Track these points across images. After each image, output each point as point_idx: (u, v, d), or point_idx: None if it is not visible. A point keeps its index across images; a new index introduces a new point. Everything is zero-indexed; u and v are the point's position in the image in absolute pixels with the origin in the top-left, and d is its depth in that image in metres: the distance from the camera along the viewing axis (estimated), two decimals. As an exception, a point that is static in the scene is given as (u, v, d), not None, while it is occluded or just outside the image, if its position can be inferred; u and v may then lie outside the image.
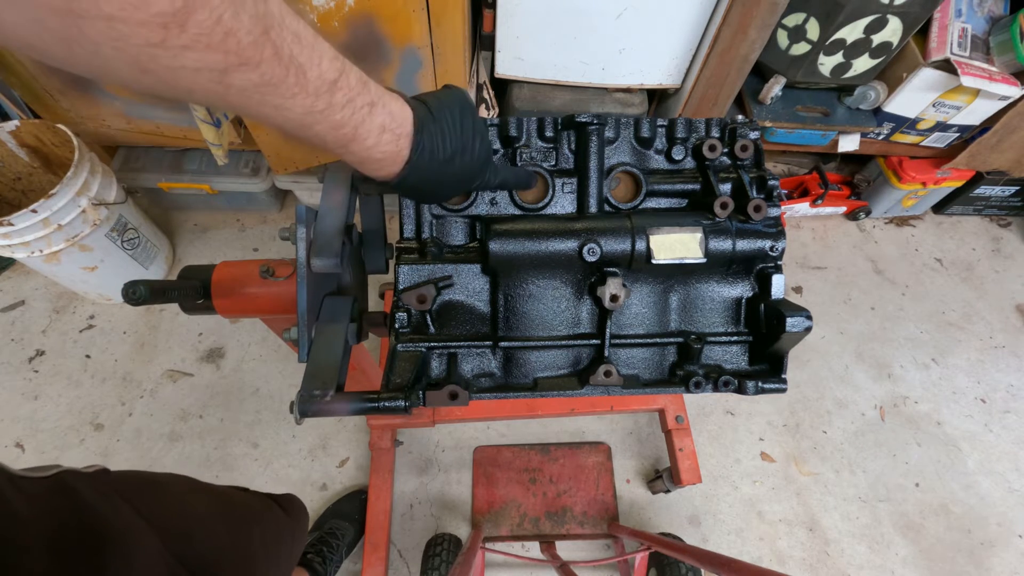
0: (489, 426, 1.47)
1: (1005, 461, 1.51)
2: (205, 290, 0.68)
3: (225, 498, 0.67)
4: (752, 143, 0.63)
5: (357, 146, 0.41)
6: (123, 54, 0.26)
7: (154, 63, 0.27)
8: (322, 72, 0.35)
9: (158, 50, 0.26)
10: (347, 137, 0.40)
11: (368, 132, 0.40)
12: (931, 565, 1.36)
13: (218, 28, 0.28)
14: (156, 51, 0.26)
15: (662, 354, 0.64)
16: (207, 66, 0.29)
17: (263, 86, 0.32)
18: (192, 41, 0.27)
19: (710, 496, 1.41)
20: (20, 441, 1.39)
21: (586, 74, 1.37)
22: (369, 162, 0.43)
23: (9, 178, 1.40)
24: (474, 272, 0.62)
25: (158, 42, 0.26)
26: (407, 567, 1.29)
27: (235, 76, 0.30)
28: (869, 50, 1.36)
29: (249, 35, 0.29)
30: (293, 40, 0.33)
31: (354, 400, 0.51)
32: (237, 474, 1.37)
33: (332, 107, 0.37)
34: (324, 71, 0.35)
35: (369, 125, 0.40)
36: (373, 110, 0.40)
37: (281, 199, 1.78)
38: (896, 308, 1.76)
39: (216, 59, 0.29)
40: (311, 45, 0.34)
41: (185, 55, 0.27)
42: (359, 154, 0.42)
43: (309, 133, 0.38)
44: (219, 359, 1.52)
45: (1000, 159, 1.56)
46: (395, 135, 0.43)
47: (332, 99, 0.37)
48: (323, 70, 0.35)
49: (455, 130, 0.48)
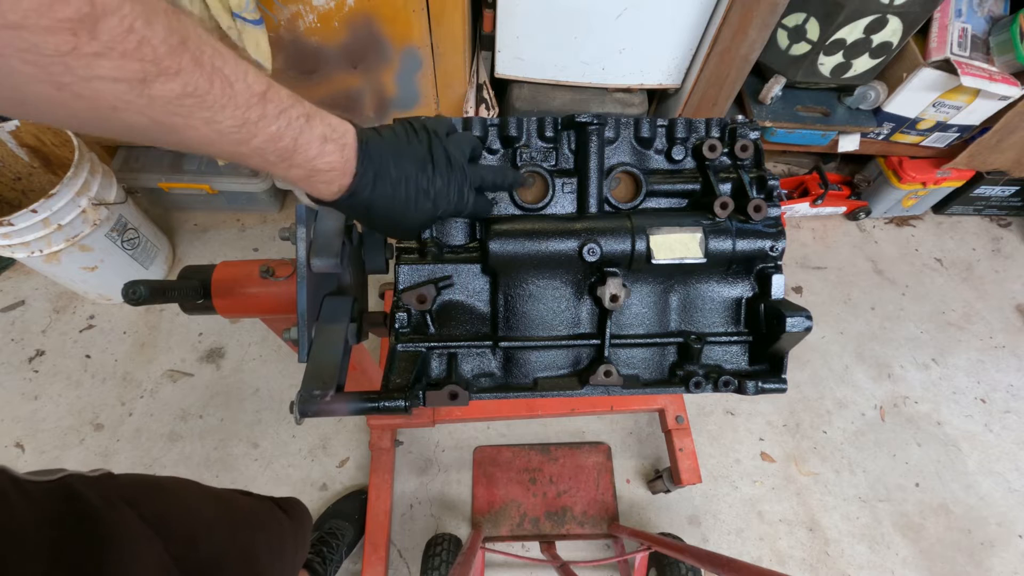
0: (489, 426, 1.47)
1: (1005, 461, 1.51)
2: (205, 290, 0.68)
3: (229, 502, 0.67)
4: (752, 143, 0.63)
5: (300, 157, 0.40)
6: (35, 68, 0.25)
7: (69, 75, 0.27)
8: (249, 84, 0.34)
9: (70, 59, 0.26)
10: (288, 149, 0.38)
11: (308, 142, 0.39)
12: (931, 565, 1.36)
13: (131, 36, 0.27)
14: (69, 60, 0.26)
15: (662, 354, 0.64)
16: (125, 76, 0.28)
17: (186, 97, 0.31)
18: (104, 48, 0.27)
19: (710, 496, 1.41)
20: (20, 441, 1.39)
21: (586, 74, 1.38)
22: (317, 175, 0.42)
23: (9, 178, 1.40)
24: (474, 272, 0.62)
25: (69, 50, 0.26)
26: (407, 567, 1.29)
27: (156, 86, 0.30)
28: (869, 50, 1.36)
29: (164, 44, 0.29)
30: (214, 53, 0.32)
31: (354, 400, 0.51)
32: (237, 474, 1.37)
33: (266, 117, 0.36)
34: (251, 83, 0.35)
35: (308, 135, 0.39)
36: (311, 121, 0.39)
37: (281, 199, 1.78)
38: (896, 308, 1.76)
39: (133, 68, 0.28)
40: (234, 60, 0.34)
41: (99, 63, 0.27)
42: (304, 166, 0.40)
43: (248, 149, 0.37)
44: (219, 359, 1.52)
45: (1000, 159, 1.56)
46: (339, 145, 0.42)
47: (264, 110, 0.36)
48: (250, 82, 0.35)
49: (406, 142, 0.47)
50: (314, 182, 0.43)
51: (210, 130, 0.34)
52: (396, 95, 1.36)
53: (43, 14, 0.24)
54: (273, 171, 0.40)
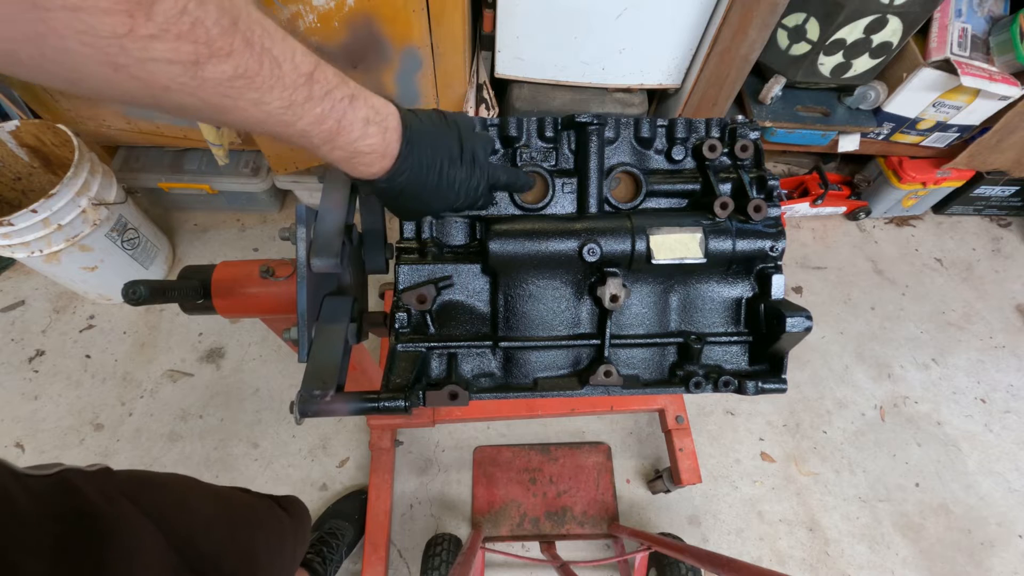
0: (489, 426, 1.47)
1: (1005, 461, 1.51)
2: (205, 290, 0.68)
3: (227, 499, 0.67)
4: (752, 143, 0.63)
5: (343, 139, 0.40)
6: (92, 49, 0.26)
7: (125, 56, 0.27)
8: (296, 64, 0.35)
9: (126, 41, 0.26)
10: (331, 131, 0.39)
11: (352, 124, 0.40)
12: (931, 565, 1.36)
13: (184, 17, 0.28)
14: (125, 42, 0.26)
15: (662, 354, 0.64)
16: (179, 58, 0.29)
17: (237, 79, 0.32)
18: (159, 30, 0.27)
19: (710, 496, 1.41)
20: (20, 441, 1.39)
21: (586, 74, 1.37)
22: (358, 156, 0.42)
23: (9, 178, 1.40)
24: (474, 272, 0.62)
25: (125, 32, 0.26)
26: (407, 567, 1.29)
27: (208, 68, 0.30)
28: (869, 50, 1.36)
29: (217, 25, 0.29)
30: (263, 33, 0.33)
31: (354, 400, 0.51)
32: (237, 474, 1.37)
33: (312, 99, 0.36)
34: (299, 63, 0.35)
35: (352, 117, 0.40)
36: (354, 102, 0.40)
37: (281, 199, 1.78)
38: (896, 308, 1.76)
39: (187, 49, 0.29)
40: (282, 39, 0.34)
41: (154, 46, 0.27)
42: (346, 148, 0.41)
43: (293, 131, 0.37)
44: (219, 359, 1.52)
45: (1000, 159, 1.56)
46: (381, 127, 0.42)
47: (311, 91, 0.36)
48: (297, 62, 0.35)
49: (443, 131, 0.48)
50: (355, 163, 0.43)
51: (258, 111, 0.34)
52: (396, 95, 1.36)
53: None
54: (316, 152, 0.41)
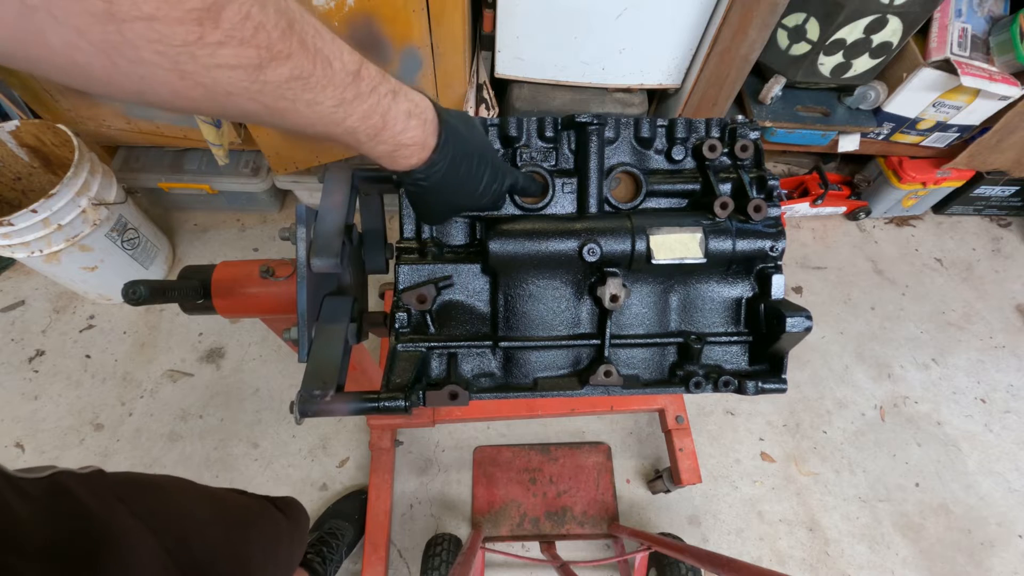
0: (489, 426, 1.47)
1: (1005, 461, 1.51)
2: (205, 290, 0.68)
3: (222, 500, 0.67)
4: (752, 143, 0.63)
5: (387, 133, 0.41)
6: (163, 58, 0.27)
7: (193, 63, 0.28)
8: (345, 63, 0.36)
9: (195, 48, 0.27)
10: (377, 127, 0.40)
11: (396, 118, 0.41)
12: (931, 565, 1.36)
13: (248, 23, 0.28)
14: (194, 50, 0.27)
15: (662, 354, 0.64)
16: (242, 62, 0.29)
17: (294, 80, 0.33)
18: (226, 37, 0.28)
19: (710, 496, 1.41)
20: (20, 441, 1.39)
21: (586, 74, 1.37)
22: (400, 150, 0.44)
23: (9, 178, 1.40)
24: (474, 272, 0.62)
25: (195, 40, 0.27)
26: (407, 567, 1.29)
27: (269, 71, 0.31)
28: (869, 50, 1.36)
29: (276, 28, 0.30)
30: (315, 34, 0.34)
31: (354, 400, 0.51)
32: (237, 474, 1.37)
33: (360, 96, 0.38)
34: (347, 62, 0.36)
35: (395, 112, 0.41)
36: (396, 97, 0.41)
37: (281, 199, 1.78)
38: (896, 308, 1.76)
39: (250, 54, 0.29)
40: (330, 39, 0.35)
41: (221, 52, 0.28)
42: (390, 142, 0.42)
43: (341, 129, 0.38)
44: (219, 359, 1.52)
45: (1000, 159, 1.56)
46: (421, 120, 0.43)
47: (359, 88, 0.37)
48: (345, 61, 0.36)
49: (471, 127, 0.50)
50: (396, 157, 0.44)
51: (311, 112, 0.35)
52: (396, 95, 1.36)
53: (174, 5, 0.25)
54: (361, 148, 0.42)
